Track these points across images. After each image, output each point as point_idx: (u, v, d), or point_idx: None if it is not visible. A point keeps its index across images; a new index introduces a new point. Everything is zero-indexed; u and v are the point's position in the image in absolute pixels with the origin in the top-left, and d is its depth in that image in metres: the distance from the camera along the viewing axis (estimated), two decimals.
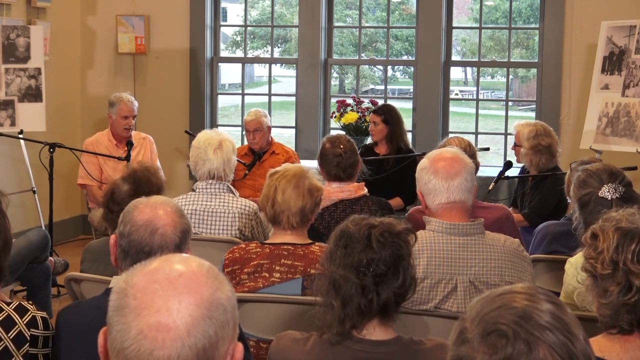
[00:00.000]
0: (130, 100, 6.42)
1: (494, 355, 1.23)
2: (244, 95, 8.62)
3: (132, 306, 1.29)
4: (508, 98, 8.55)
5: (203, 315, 1.28)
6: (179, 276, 1.31)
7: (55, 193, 6.28)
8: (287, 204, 3.24)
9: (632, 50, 6.12)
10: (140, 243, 2.36)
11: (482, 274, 2.94)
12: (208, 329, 1.28)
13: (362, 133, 7.17)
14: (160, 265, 1.34)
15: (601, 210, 2.89)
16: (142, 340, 1.26)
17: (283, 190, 3.26)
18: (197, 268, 1.34)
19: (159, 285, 1.30)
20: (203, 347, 1.28)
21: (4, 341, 2.38)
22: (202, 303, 1.29)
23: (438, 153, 3.19)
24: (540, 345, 1.23)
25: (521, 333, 1.23)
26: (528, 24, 13.35)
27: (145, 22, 7.79)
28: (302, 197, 3.26)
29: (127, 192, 3.40)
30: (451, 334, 1.33)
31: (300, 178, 3.30)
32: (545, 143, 5.25)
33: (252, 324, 3.11)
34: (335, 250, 2.31)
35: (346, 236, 2.32)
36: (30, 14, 7.22)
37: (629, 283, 2.00)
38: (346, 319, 2.23)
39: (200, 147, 4.31)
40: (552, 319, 1.26)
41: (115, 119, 6.33)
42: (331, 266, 2.29)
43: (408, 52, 15.12)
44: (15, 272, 4.60)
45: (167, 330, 1.26)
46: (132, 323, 1.27)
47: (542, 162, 5.24)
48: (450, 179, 3.05)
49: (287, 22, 12.00)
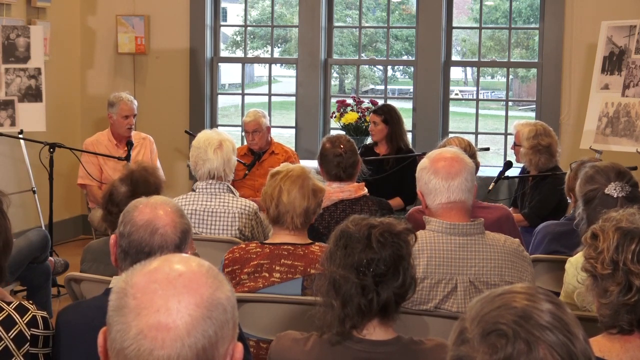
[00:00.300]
0: (130, 99, 6.43)
1: (494, 355, 1.23)
2: (244, 95, 8.62)
3: (131, 306, 1.29)
4: (508, 98, 8.55)
5: (203, 315, 1.28)
6: (178, 276, 1.31)
7: (55, 193, 6.28)
8: (292, 204, 3.24)
9: (632, 50, 6.12)
10: (140, 243, 2.36)
11: (482, 274, 2.94)
12: (208, 329, 1.28)
13: (362, 133, 7.17)
14: (159, 265, 1.34)
15: (605, 207, 2.89)
16: (142, 340, 1.26)
17: (289, 191, 3.26)
18: (197, 268, 1.34)
19: (158, 285, 1.30)
20: (203, 346, 1.28)
21: (4, 341, 2.38)
22: (202, 303, 1.29)
23: (438, 153, 3.19)
24: (540, 345, 1.23)
25: (521, 333, 1.24)
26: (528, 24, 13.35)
27: (145, 22, 7.79)
28: (307, 198, 3.26)
29: (125, 193, 3.39)
30: (451, 334, 1.33)
31: (304, 179, 3.31)
32: (545, 143, 5.26)
33: (252, 324, 3.11)
34: (335, 250, 2.31)
35: (346, 236, 2.32)
36: (30, 14, 7.22)
37: (629, 283, 2.00)
38: (346, 319, 2.23)
39: (201, 147, 4.32)
40: (552, 319, 1.26)
41: (116, 119, 6.32)
42: (331, 266, 2.29)
43: (408, 52, 15.12)
44: (15, 272, 4.60)
45: (167, 330, 1.26)
46: (132, 323, 1.27)
47: (542, 161, 5.25)
48: (451, 179, 3.05)
49: (287, 22, 12.00)
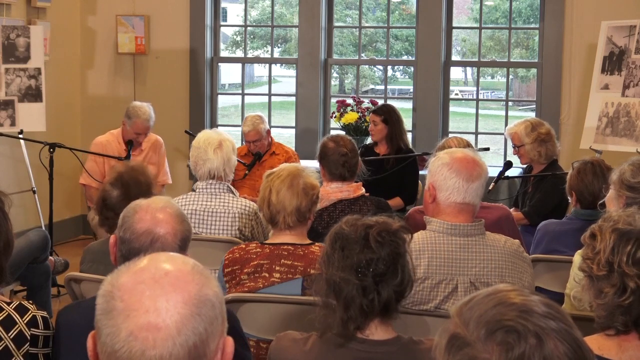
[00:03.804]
0: (147, 118, 6.19)
1: (510, 352, 1.24)
2: (244, 95, 8.62)
3: (120, 308, 1.29)
4: (508, 98, 8.55)
5: (192, 313, 1.29)
6: (164, 275, 1.32)
7: (55, 193, 6.28)
8: (282, 204, 3.23)
9: (632, 50, 6.13)
10: (140, 251, 2.35)
11: (482, 274, 2.94)
12: (198, 326, 1.29)
13: (362, 133, 7.17)
14: (145, 265, 1.35)
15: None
16: (133, 342, 1.27)
17: (277, 191, 3.25)
18: (182, 266, 1.35)
19: (145, 285, 1.30)
20: (194, 344, 1.29)
21: (4, 341, 2.38)
22: (190, 300, 1.30)
23: (462, 152, 3.18)
24: (549, 336, 1.25)
25: (529, 326, 1.25)
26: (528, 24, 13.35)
27: (145, 22, 7.79)
28: (297, 196, 3.25)
29: (118, 197, 3.36)
30: (437, 347, 1.32)
31: (294, 177, 3.29)
32: (544, 131, 5.38)
33: (252, 324, 3.11)
34: (332, 253, 2.30)
35: (342, 238, 2.31)
36: (30, 14, 7.22)
37: (624, 285, 2.00)
38: (349, 321, 2.23)
39: (200, 147, 4.31)
40: (548, 309, 1.29)
41: (129, 130, 6.19)
42: (330, 269, 2.28)
43: (408, 52, 15.12)
44: (15, 272, 4.59)
45: (158, 330, 1.27)
46: (122, 325, 1.28)
47: (550, 149, 5.37)
48: (471, 181, 3.06)
49: (287, 22, 12.01)
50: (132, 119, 6.18)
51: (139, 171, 3.53)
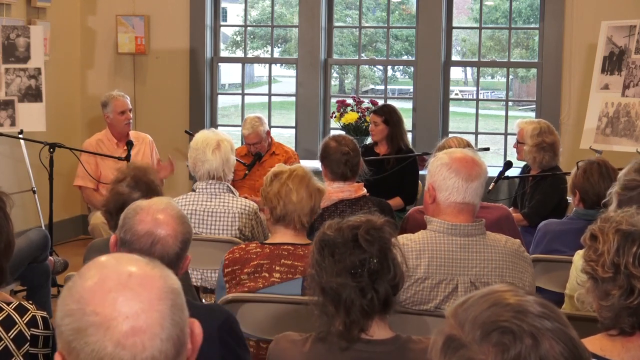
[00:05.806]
0: (122, 94, 6.43)
1: (505, 353, 1.24)
2: (244, 95, 8.62)
3: (97, 323, 1.26)
4: (508, 98, 8.55)
5: (167, 306, 1.30)
6: (129, 277, 1.30)
7: (55, 193, 6.27)
8: (301, 203, 3.27)
9: (632, 50, 6.12)
10: (141, 253, 2.35)
11: (482, 274, 2.95)
12: (175, 317, 1.30)
13: (362, 133, 7.17)
14: (104, 274, 1.31)
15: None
16: (122, 351, 1.25)
17: (297, 190, 3.28)
18: (142, 263, 1.34)
19: (115, 292, 1.28)
20: (177, 335, 1.30)
21: (4, 341, 2.38)
22: (161, 294, 1.30)
23: (461, 152, 3.20)
24: (544, 336, 1.25)
25: (524, 326, 1.25)
26: (528, 24, 13.35)
27: (145, 22, 7.79)
28: (312, 197, 3.30)
29: (140, 199, 3.32)
30: (432, 348, 1.32)
31: (309, 178, 3.35)
32: (549, 140, 5.28)
33: (252, 324, 3.11)
34: (323, 261, 2.29)
35: (330, 244, 2.30)
36: (30, 14, 7.22)
37: (631, 286, 1.98)
38: (353, 325, 2.23)
39: (199, 148, 4.31)
40: (542, 309, 1.29)
41: (113, 117, 6.29)
42: (323, 277, 2.27)
43: (408, 52, 15.11)
44: (15, 272, 4.59)
45: (143, 332, 1.26)
46: (105, 339, 1.25)
47: (546, 159, 5.26)
48: (471, 181, 3.06)
49: (287, 22, 12.01)
50: (110, 102, 6.32)
51: (149, 171, 3.51)
